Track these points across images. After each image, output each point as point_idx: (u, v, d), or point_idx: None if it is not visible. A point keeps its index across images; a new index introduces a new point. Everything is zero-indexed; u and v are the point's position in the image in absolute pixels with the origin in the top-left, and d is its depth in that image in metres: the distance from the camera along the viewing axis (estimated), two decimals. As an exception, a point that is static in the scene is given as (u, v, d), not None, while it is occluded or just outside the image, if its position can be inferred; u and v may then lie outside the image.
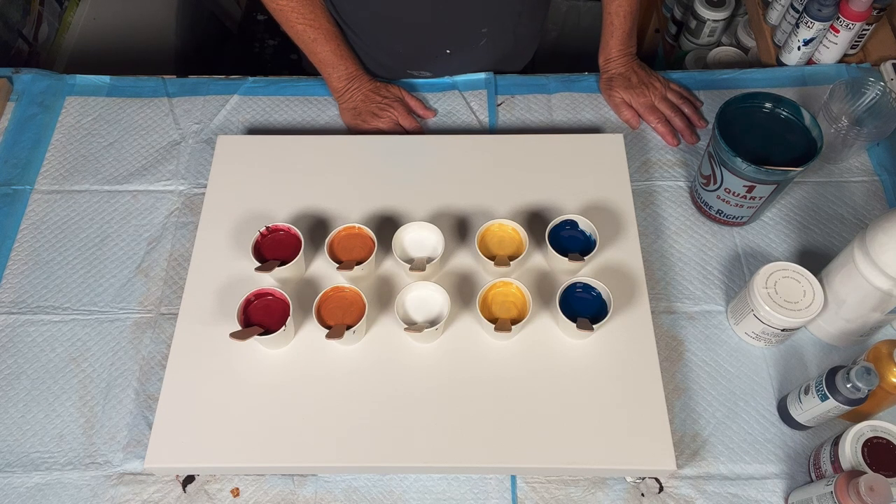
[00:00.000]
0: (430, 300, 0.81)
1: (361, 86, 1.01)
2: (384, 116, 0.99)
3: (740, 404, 0.80)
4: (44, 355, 0.84)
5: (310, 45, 0.98)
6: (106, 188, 0.97)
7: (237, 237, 0.88)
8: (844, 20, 1.00)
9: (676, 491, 0.76)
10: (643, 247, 0.88)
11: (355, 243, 0.84)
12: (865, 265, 0.72)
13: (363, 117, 1.00)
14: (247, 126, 1.02)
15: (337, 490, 0.76)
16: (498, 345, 0.81)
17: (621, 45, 1.02)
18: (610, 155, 0.94)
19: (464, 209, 0.90)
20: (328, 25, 0.98)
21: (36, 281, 0.89)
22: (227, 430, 0.76)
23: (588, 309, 0.79)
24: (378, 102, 1.00)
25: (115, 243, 0.92)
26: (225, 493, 0.76)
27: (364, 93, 1.01)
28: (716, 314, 0.86)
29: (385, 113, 0.99)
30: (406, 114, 1.00)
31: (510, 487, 0.76)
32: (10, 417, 0.80)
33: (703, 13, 1.43)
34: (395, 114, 1.00)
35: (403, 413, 0.76)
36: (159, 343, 0.85)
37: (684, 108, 1.02)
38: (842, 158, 0.97)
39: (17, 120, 1.02)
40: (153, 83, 1.06)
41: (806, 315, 0.76)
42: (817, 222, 0.93)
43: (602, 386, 0.78)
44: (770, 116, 0.86)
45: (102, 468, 0.78)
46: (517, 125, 1.02)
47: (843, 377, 0.68)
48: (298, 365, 0.80)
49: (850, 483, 0.63)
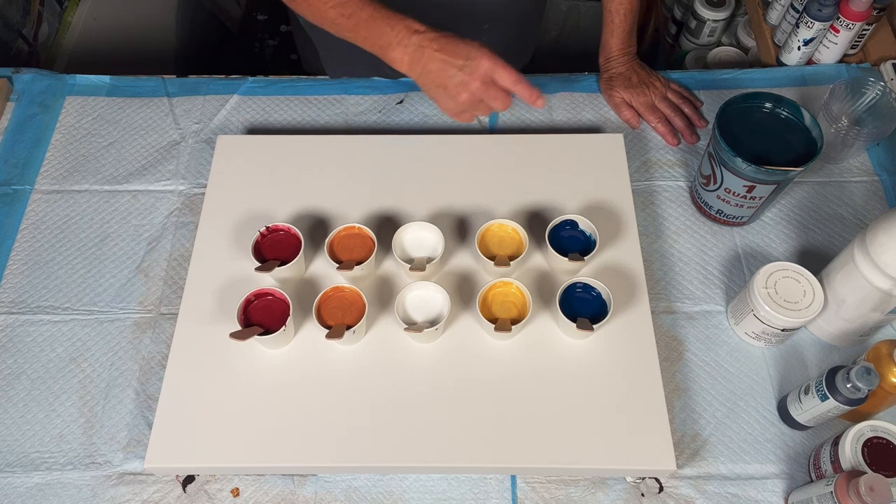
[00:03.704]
0: (430, 300, 0.81)
1: (437, 38, 0.78)
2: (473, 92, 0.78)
3: (740, 404, 0.80)
4: (44, 355, 0.84)
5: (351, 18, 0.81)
6: (106, 188, 0.97)
7: (237, 237, 0.88)
8: (844, 20, 1.00)
9: (676, 491, 0.76)
10: (643, 247, 0.88)
11: (355, 243, 0.84)
12: (865, 265, 0.72)
13: (450, 91, 0.78)
14: (247, 126, 1.02)
15: (337, 490, 0.76)
16: (498, 345, 0.81)
17: (621, 45, 1.02)
18: (610, 155, 0.94)
19: (464, 209, 0.90)
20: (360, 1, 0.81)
21: (36, 281, 0.89)
22: (227, 430, 0.76)
23: (588, 309, 0.79)
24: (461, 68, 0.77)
25: (115, 243, 0.92)
26: (225, 493, 0.76)
27: (440, 55, 0.78)
28: (716, 314, 0.86)
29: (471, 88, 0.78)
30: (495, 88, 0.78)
31: (510, 487, 0.76)
32: (10, 417, 0.80)
33: (703, 13, 1.43)
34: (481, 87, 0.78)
35: (403, 413, 0.76)
36: (159, 343, 0.85)
37: (684, 107, 1.02)
38: (842, 158, 0.97)
39: (17, 120, 1.02)
40: (153, 83, 1.06)
41: (806, 315, 0.76)
42: (817, 222, 0.93)
43: (602, 386, 0.78)
44: (770, 116, 0.86)
45: (102, 468, 0.78)
46: (517, 125, 1.02)
47: (843, 377, 0.68)
48: (298, 365, 0.80)
49: (850, 483, 0.63)
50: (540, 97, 0.78)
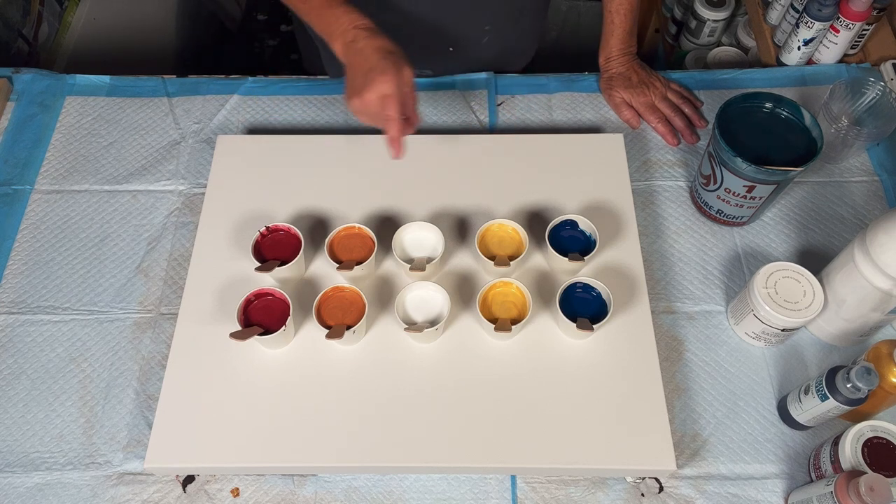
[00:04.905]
0: (430, 300, 0.81)
1: (375, 37, 0.78)
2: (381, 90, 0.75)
3: (740, 404, 0.80)
4: (44, 355, 0.84)
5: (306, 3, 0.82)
6: (106, 188, 0.97)
7: (237, 237, 0.88)
8: (844, 20, 1.00)
9: (676, 491, 0.76)
10: (643, 247, 0.88)
11: (355, 243, 0.84)
12: (865, 265, 0.72)
13: (350, 90, 0.77)
14: (247, 126, 1.02)
15: (337, 490, 0.76)
16: (498, 345, 0.81)
17: (621, 45, 1.02)
18: (610, 155, 0.94)
19: (464, 209, 0.90)
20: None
21: (36, 281, 0.89)
22: (227, 430, 0.76)
23: (588, 309, 0.79)
24: (385, 71, 0.75)
25: (115, 243, 0.92)
26: (225, 493, 0.76)
27: (377, 44, 0.77)
28: (716, 314, 0.86)
29: (383, 86, 0.75)
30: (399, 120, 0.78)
31: (510, 487, 0.76)
32: (10, 417, 0.80)
33: (703, 13, 1.43)
34: (393, 102, 0.76)
35: (403, 413, 0.76)
36: (159, 343, 0.85)
37: (684, 107, 1.02)
38: (842, 158, 0.97)
39: (17, 120, 1.02)
40: (153, 83, 1.06)
41: (806, 315, 0.76)
42: (817, 222, 0.93)
43: (602, 386, 0.78)
44: (770, 116, 0.86)
45: (102, 468, 0.78)
46: (517, 125, 1.02)
47: (843, 377, 0.68)
48: (298, 365, 0.80)
49: (850, 483, 0.63)
50: (398, 151, 0.80)
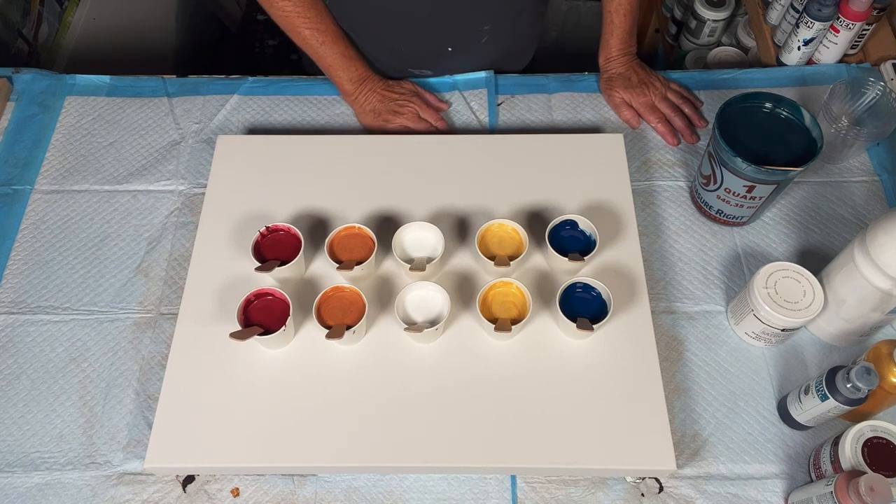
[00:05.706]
0: (430, 300, 0.81)
1: (374, 86, 1.00)
2: (405, 112, 0.99)
3: (740, 404, 0.80)
4: (44, 355, 0.84)
5: (317, 49, 0.97)
6: (106, 188, 0.97)
7: (237, 237, 0.88)
8: (844, 20, 1.00)
9: (676, 491, 0.76)
10: (643, 247, 0.88)
11: (355, 243, 0.84)
12: (865, 265, 0.72)
13: (384, 117, 0.99)
14: (247, 126, 1.02)
15: (337, 490, 0.76)
16: (498, 345, 0.81)
17: (621, 45, 1.02)
18: (610, 155, 0.94)
19: (464, 209, 0.90)
20: (334, 28, 0.97)
21: (36, 281, 0.89)
22: (227, 430, 0.76)
23: (588, 309, 0.79)
24: (396, 100, 1.00)
25: (115, 243, 0.92)
26: (225, 493, 0.76)
27: (379, 93, 1.00)
28: (716, 314, 0.86)
29: (405, 109, 0.99)
30: (425, 106, 1.00)
31: (510, 487, 0.76)
32: (10, 417, 0.80)
33: (703, 13, 1.43)
34: (414, 107, 1.00)
35: (403, 413, 0.76)
36: (159, 343, 0.85)
37: (684, 107, 1.02)
38: (842, 158, 0.97)
39: (17, 120, 1.02)
40: (153, 83, 1.06)
41: (806, 315, 0.76)
42: (817, 222, 0.93)
43: (602, 386, 0.78)
44: (770, 116, 0.86)
45: (102, 468, 0.78)
46: (517, 125, 1.02)
47: (843, 377, 0.68)
48: (298, 365, 0.80)
49: (850, 483, 0.63)
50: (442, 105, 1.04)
